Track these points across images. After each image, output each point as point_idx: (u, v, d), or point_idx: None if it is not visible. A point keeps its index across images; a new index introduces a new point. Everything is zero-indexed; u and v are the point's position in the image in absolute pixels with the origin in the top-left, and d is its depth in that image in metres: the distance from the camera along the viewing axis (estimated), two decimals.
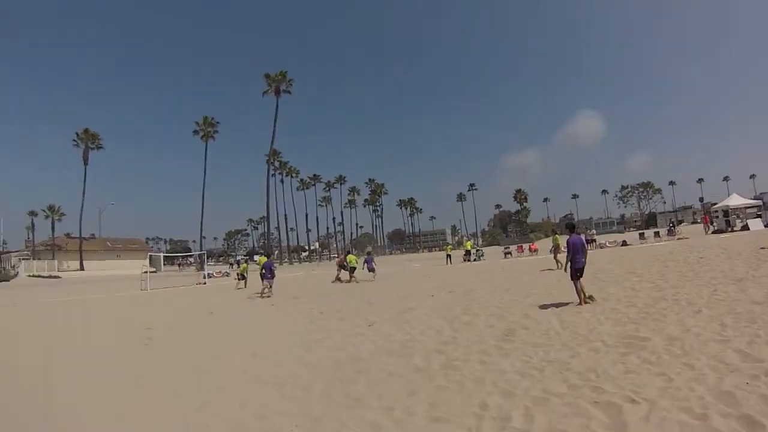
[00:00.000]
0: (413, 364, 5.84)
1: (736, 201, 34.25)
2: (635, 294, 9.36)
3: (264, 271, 17.18)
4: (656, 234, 34.00)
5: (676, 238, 30.25)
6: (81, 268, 58.12)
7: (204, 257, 37.42)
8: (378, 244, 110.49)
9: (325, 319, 10.20)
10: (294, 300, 14.95)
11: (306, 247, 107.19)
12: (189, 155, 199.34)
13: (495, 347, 6.27)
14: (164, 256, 41.50)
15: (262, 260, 19.69)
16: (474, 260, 31.96)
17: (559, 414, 3.76)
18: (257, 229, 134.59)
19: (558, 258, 17.21)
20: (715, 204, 41.64)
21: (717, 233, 30.67)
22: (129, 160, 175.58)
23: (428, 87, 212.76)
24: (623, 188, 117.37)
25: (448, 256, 33.15)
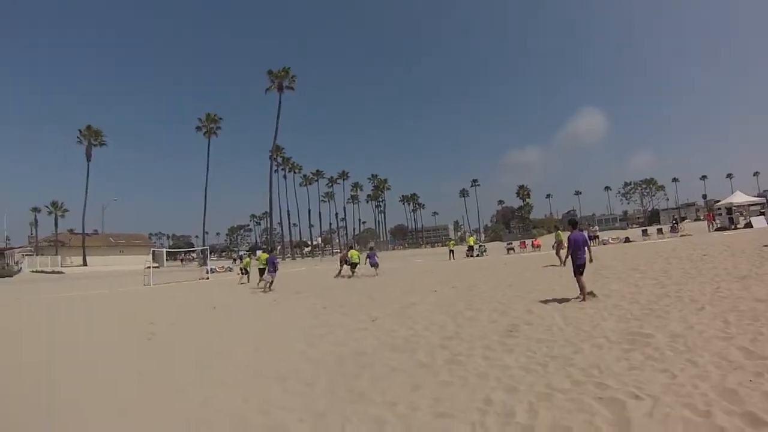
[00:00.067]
0: (417, 360, 5.84)
1: (740, 198, 34.22)
2: (638, 290, 9.37)
3: (267, 266, 17.29)
4: (659, 231, 34.01)
5: (679, 235, 30.20)
6: (84, 264, 58.40)
7: (207, 252, 37.34)
8: (381, 240, 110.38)
9: (328, 314, 10.23)
10: (297, 295, 15.01)
11: (308, 243, 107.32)
12: (191, 152, 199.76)
13: (498, 343, 6.28)
14: (167, 252, 41.48)
15: (263, 256, 19.74)
16: (476, 256, 31.99)
17: (563, 410, 3.76)
18: (260, 225, 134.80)
19: (560, 254, 17.20)
20: (719, 201, 41.50)
21: (720, 230, 30.59)
22: (132, 157, 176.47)
23: (429, 86, 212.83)
24: (626, 185, 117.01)
25: (451, 252, 33.11)
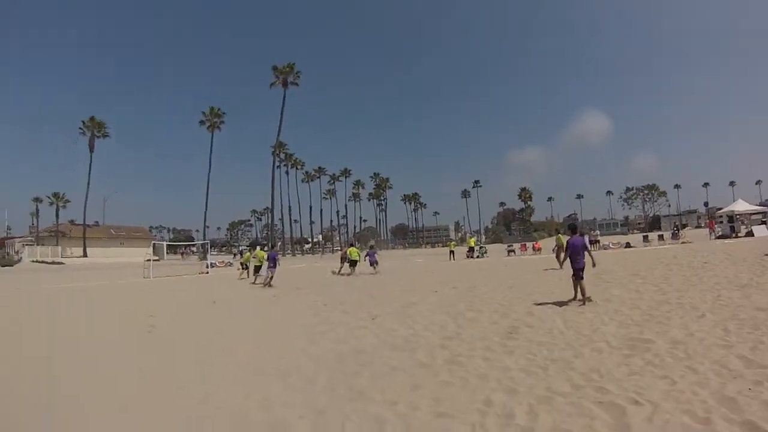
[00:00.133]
0: (417, 359, 5.86)
1: (742, 207, 34.12)
2: (639, 296, 9.37)
3: (265, 262, 17.48)
4: (660, 237, 34.00)
5: (680, 242, 30.22)
6: (84, 255, 58.56)
7: (207, 247, 37.43)
8: (381, 239, 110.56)
9: (329, 312, 10.25)
10: (297, 291, 15.06)
11: (309, 239, 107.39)
12: (193, 147, 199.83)
13: (499, 344, 6.30)
14: (167, 245, 41.53)
15: (260, 254, 19.85)
16: (477, 257, 31.99)
17: (563, 413, 3.78)
18: (261, 220, 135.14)
19: (561, 258, 17.20)
20: (721, 209, 41.45)
21: (721, 238, 30.59)
22: (134, 151, 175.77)
23: (429, 86, 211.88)
24: (628, 190, 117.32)
25: (452, 252, 33.09)
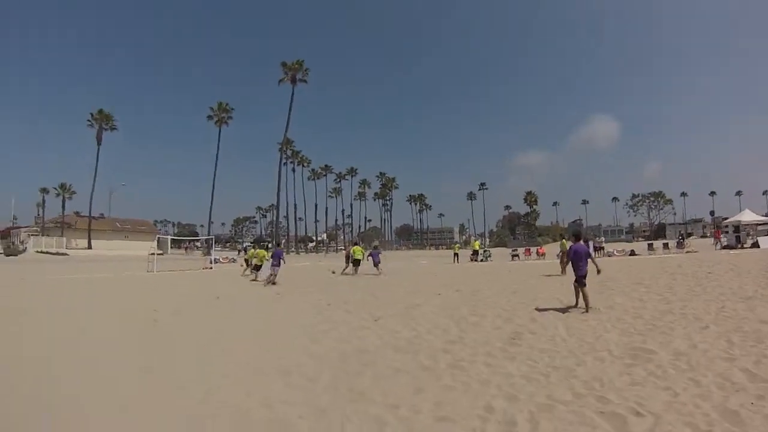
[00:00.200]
0: (419, 362, 5.87)
1: (748, 217, 33.90)
2: (642, 305, 9.35)
3: (264, 261, 17.73)
4: (665, 245, 33.82)
5: (685, 251, 30.08)
6: (89, 247, 58.86)
7: (212, 242, 37.50)
8: (385, 239, 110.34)
9: (332, 311, 10.27)
10: (300, 290, 15.09)
11: (314, 238, 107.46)
12: (200, 142, 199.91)
13: (501, 350, 6.31)
14: (171, 239, 41.63)
15: (261, 253, 20.00)
16: (481, 260, 31.99)
17: (565, 421, 3.79)
18: (266, 217, 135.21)
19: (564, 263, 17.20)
20: (727, 218, 41.20)
21: (727, 249, 30.43)
22: (141, 145, 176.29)
23: (430, 87, 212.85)
24: (634, 197, 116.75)
25: (456, 255, 33.19)
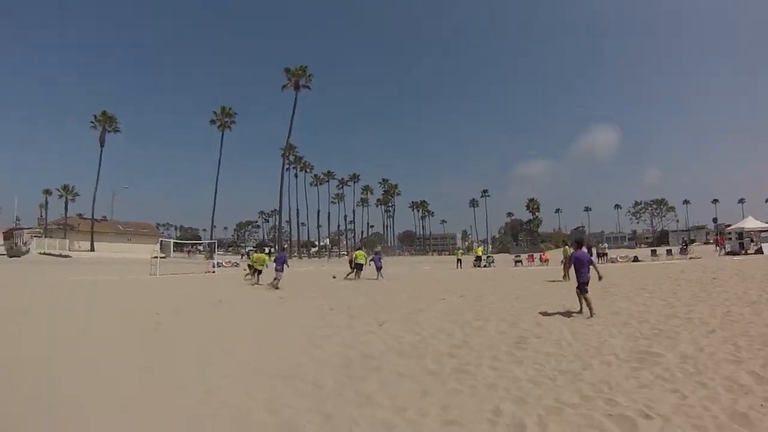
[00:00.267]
0: (425, 366, 5.85)
1: (752, 224, 33.82)
2: (647, 310, 9.34)
3: (264, 265, 18.10)
4: (668, 252, 33.79)
5: (688, 258, 30.00)
6: (91, 249, 58.85)
7: (214, 246, 37.59)
8: (388, 245, 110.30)
9: (335, 316, 10.25)
10: (303, 294, 15.07)
11: (316, 243, 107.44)
12: (202, 146, 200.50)
13: (507, 354, 6.29)
14: (174, 243, 41.67)
15: (261, 257, 20.04)
16: (484, 266, 31.94)
17: (573, 424, 3.78)
18: (268, 222, 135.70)
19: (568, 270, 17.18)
20: (730, 225, 41.11)
21: (730, 255, 30.37)
22: (143, 148, 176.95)
23: (430, 88, 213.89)
24: (636, 204, 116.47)
25: (459, 261, 33.25)
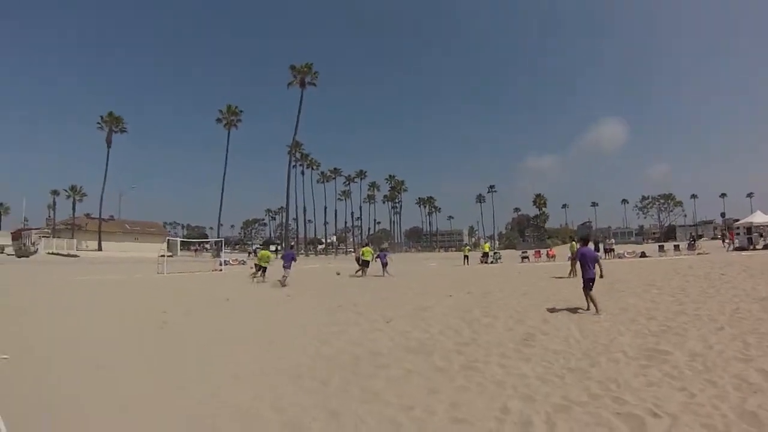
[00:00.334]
0: (433, 363, 5.87)
1: (760, 219, 33.46)
2: (655, 306, 9.29)
3: (268, 263, 18.54)
4: (676, 247, 33.57)
5: (696, 253, 29.80)
6: (99, 249, 59.34)
7: (221, 244, 37.73)
8: (395, 241, 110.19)
9: (342, 313, 10.28)
10: (310, 292, 15.12)
11: (323, 240, 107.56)
12: (208, 144, 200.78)
13: (515, 351, 6.30)
14: (181, 242, 41.92)
15: (266, 254, 20.12)
16: (491, 263, 31.92)
17: (581, 422, 3.78)
18: (275, 220, 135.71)
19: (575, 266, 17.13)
20: (738, 220, 40.73)
21: (738, 250, 30.12)
22: (150, 147, 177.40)
23: (430, 87, 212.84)
24: (644, 199, 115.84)
25: (466, 257, 33.28)
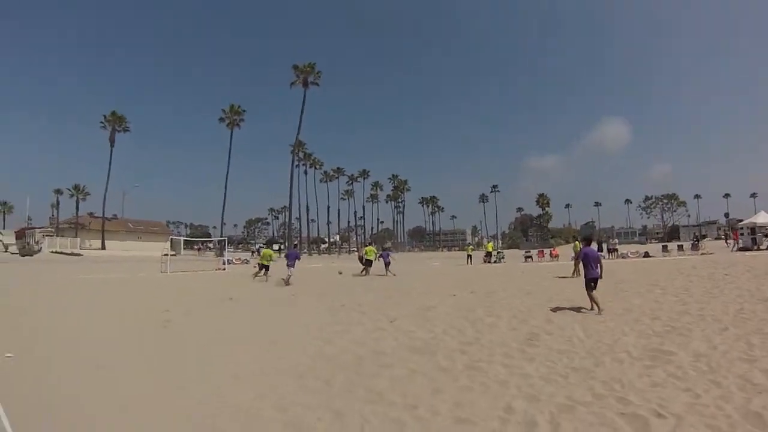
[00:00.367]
0: (436, 363, 5.88)
1: (764, 219, 33.30)
2: (659, 306, 9.28)
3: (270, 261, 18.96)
4: (679, 247, 33.48)
5: (700, 253, 29.71)
6: (102, 248, 59.48)
7: (225, 243, 37.78)
8: (398, 241, 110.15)
9: (346, 312, 10.31)
10: (314, 291, 15.14)
11: (326, 240, 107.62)
12: (211, 143, 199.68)
13: (518, 351, 6.31)
14: (184, 240, 42.03)
15: (268, 252, 20.14)
16: (494, 262, 31.93)
17: (585, 422, 3.79)
18: (278, 219, 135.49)
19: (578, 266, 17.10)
20: (741, 220, 40.57)
21: (742, 251, 30.00)
22: (153, 146, 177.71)
23: (433, 87, 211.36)
24: (647, 198, 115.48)
25: (469, 257, 33.38)
